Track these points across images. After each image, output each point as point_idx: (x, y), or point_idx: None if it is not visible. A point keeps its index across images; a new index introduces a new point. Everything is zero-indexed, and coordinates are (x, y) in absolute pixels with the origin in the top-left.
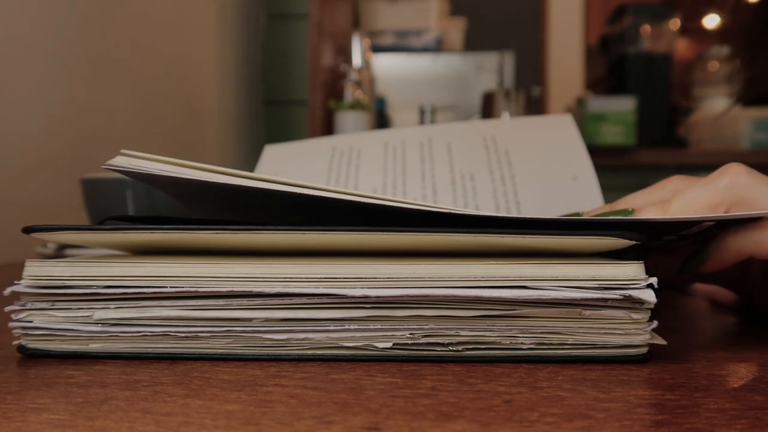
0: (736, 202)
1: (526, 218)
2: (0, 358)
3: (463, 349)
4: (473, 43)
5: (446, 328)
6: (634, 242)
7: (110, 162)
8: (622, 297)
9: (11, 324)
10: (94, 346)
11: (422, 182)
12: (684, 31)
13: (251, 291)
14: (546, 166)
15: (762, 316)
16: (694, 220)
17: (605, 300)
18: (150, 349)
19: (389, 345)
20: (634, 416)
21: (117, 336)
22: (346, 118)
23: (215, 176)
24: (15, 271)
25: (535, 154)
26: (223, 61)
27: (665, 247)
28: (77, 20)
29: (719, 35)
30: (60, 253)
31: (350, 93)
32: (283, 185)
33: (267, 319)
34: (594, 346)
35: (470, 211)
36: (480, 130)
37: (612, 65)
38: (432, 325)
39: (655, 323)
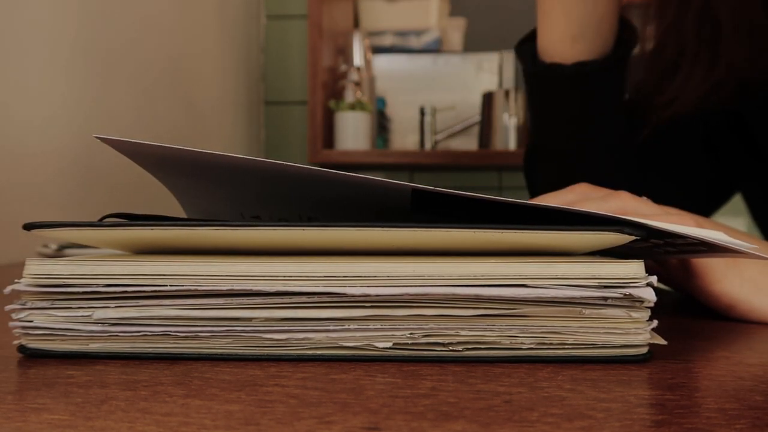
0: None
1: (530, 204)
2: (0, 358)
3: (463, 349)
4: (473, 43)
5: (446, 328)
6: (634, 237)
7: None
8: (622, 295)
9: (11, 323)
10: (94, 346)
11: None
12: None
13: (251, 289)
14: None
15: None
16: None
17: (605, 298)
18: (150, 349)
19: (389, 345)
20: (634, 416)
21: (117, 336)
22: (346, 118)
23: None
24: (15, 271)
25: None
26: (223, 61)
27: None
28: (77, 21)
29: None
30: (60, 253)
31: (350, 93)
32: (272, 163)
33: (267, 319)
34: (594, 346)
35: (475, 195)
36: None
37: None
38: (432, 325)
39: (655, 322)
